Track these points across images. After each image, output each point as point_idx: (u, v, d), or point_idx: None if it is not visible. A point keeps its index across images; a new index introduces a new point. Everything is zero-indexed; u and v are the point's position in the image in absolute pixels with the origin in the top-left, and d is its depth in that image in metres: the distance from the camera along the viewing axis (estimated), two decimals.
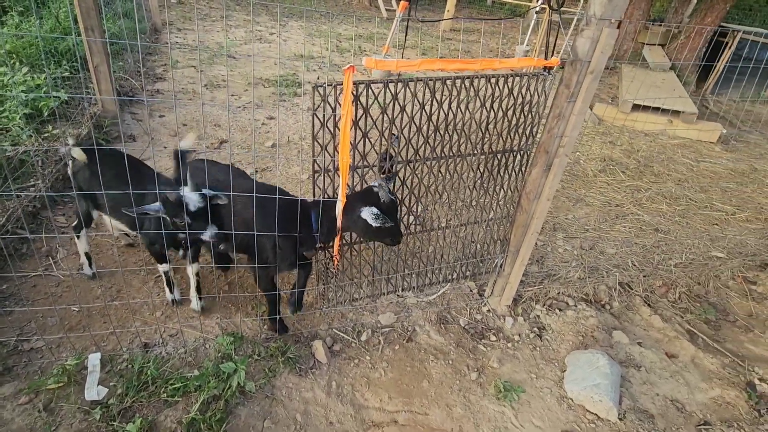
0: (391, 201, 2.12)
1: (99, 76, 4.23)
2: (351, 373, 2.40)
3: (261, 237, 2.21)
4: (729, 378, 2.67)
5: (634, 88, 6.56)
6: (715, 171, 5.21)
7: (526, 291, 3.07)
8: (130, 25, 6.84)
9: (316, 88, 1.91)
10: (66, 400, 1.99)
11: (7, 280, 2.55)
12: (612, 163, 5.03)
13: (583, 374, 2.47)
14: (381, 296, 2.88)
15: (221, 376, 2.13)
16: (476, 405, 2.35)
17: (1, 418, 1.89)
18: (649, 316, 3.09)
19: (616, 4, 2.03)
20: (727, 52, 7.87)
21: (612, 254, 3.57)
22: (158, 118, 4.78)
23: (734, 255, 3.72)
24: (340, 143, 1.97)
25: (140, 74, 5.83)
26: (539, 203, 2.51)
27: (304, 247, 2.28)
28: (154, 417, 1.97)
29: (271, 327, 2.54)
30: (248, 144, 4.55)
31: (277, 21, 9.85)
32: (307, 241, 2.25)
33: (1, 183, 3.02)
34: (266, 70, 6.65)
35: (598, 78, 2.17)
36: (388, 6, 12.08)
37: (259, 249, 2.25)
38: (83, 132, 3.93)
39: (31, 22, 5.22)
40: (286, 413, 2.14)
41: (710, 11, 8.39)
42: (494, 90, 2.29)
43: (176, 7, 9.42)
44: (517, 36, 11.32)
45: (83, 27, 3.96)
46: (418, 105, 2.22)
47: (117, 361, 2.20)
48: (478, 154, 2.47)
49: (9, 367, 2.10)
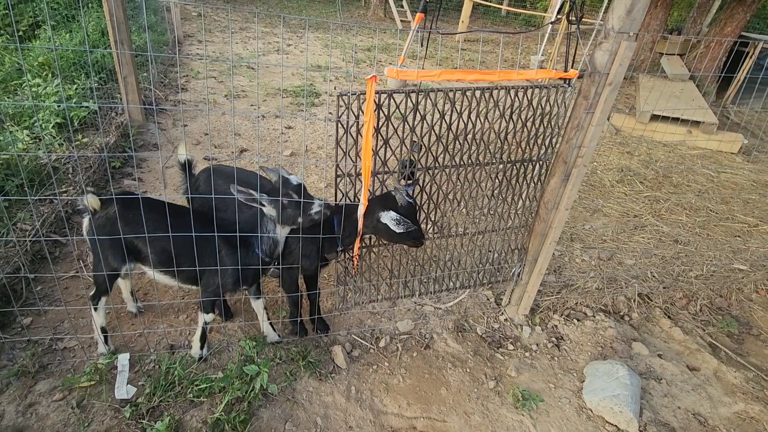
0: (408, 204, 2.19)
1: (127, 87, 4.40)
2: (370, 378, 2.44)
3: (288, 239, 2.28)
4: (753, 392, 2.62)
5: (653, 99, 6.51)
6: (737, 182, 5.14)
7: (543, 300, 3.07)
8: (153, 38, 7.09)
9: (340, 96, 1.99)
10: (98, 397, 2.07)
11: (41, 282, 2.66)
12: (630, 173, 5.00)
13: (603, 385, 2.46)
14: (398, 299, 2.91)
15: (244, 378, 2.19)
16: (494, 413, 2.36)
17: (37, 414, 1.98)
18: (669, 328, 3.06)
19: (634, 18, 2.06)
20: (748, 61, 7.77)
21: (631, 265, 3.55)
22: (182, 127, 4.93)
23: (757, 267, 3.66)
24: (363, 149, 2.05)
25: (164, 85, 6.03)
26: (557, 213, 2.53)
27: (326, 250, 2.35)
28: (181, 416, 2.03)
29: (292, 331, 2.59)
30: (267, 153, 4.66)
31: (294, 32, 10.07)
32: (330, 243, 2.32)
33: (36, 188, 3.16)
34: (285, 81, 6.81)
35: (616, 90, 2.20)
36: (402, 17, 12.25)
37: (284, 251, 2.32)
38: (111, 141, 4.09)
39: (62, 35, 5.46)
40: (307, 417, 2.18)
41: (730, 21, 8.31)
42: (513, 101, 2.34)
43: (197, 20, 9.71)
44: (532, 46, 11.36)
45: (113, 40, 4.14)
46: (438, 114, 2.28)
47: (145, 362, 2.28)
48: (497, 163, 2.51)
49: (44, 365, 2.19)
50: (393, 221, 2.12)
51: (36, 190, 3.16)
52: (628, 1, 2.02)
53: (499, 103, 2.35)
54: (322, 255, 2.36)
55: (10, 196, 2.98)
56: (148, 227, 1.99)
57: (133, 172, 3.93)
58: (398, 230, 2.14)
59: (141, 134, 4.57)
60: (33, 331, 2.36)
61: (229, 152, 4.55)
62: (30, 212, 2.96)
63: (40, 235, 2.80)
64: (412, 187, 2.32)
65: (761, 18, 13.94)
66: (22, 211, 2.97)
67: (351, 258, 2.50)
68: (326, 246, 2.32)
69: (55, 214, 3.05)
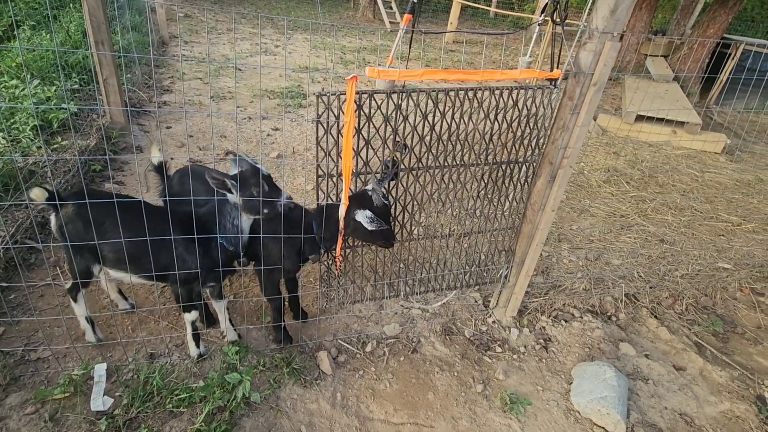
0: (384, 205, 2.18)
1: (108, 88, 4.30)
2: (356, 384, 2.39)
3: (268, 242, 2.24)
4: (738, 391, 2.64)
5: (638, 99, 6.58)
6: (720, 181, 5.20)
7: (531, 302, 3.05)
8: (137, 38, 6.97)
9: (320, 96, 1.96)
10: (72, 410, 1.99)
11: (14, 290, 2.57)
12: (616, 173, 5.03)
13: (590, 387, 2.45)
14: (384, 301, 2.88)
15: (226, 387, 2.13)
16: (482, 417, 2.33)
17: (7, 428, 1.90)
18: (656, 328, 3.06)
19: (618, 18, 2.06)
20: (730, 63, 7.91)
21: (617, 265, 3.55)
22: (165, 129, 4.84)
23: (741, 266, 3.69)
24: (343, 149, 2.03)
25: (148, 87, 5.93)
26: (544, 214, 2.52)
27: (307, 251, 2.33)
28: (160, 428, 1.97)
29: (275, 338, 2.54)
30: (253, 155, 4.59)
31: (282, 33, 10.00)
32: (310, 244, 2.31)
33: (11, 193, 3.06)
34: (271, 82, 6.73)
35: (601, 90, 2.19)
36: (391, 19, 12.24)
37: (264, 253, 2.28)
38: (92, 143, 3.99)
39: (43, 36, 5.33)
40: (291, 425, 2.13)
41: (712, 23, 8.45)
42: (498, 102, 2.32)
43: (183, 21, 9.59)
44: (520, 48, 11.43)
45: (93, 41, 4.04)
46: (421, 115, 2.25)
47: (123, 372, 2.21)
48: (482, 164, 2.49)
49: (16, 377, 2.11)
50: (367, 219, 2.11)
51: (11, 195, 3.06)
52: (612, 1, 2.01)
53: (483, 104, 2.32)
54: (304, 256, 2.33)
55: None
56: (102, 225, 1.96)
57: (112, 176, 3.84)
58: (371, 227, 2.13)
59: (123, 137, 4.47)
60: (4, 342, 2.27)
61: (213, 154, 4.47)
62: (4, 217, 2.86)
63: (13, 242, 2.70)
64: (384, 183, 2.29)
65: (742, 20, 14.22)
66: None
67: (334, 258, 2.47)
68: (307, 247, 2.29)
69: (30, 220, 2.96)
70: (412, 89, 2.16)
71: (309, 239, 2.28)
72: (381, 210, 2.16)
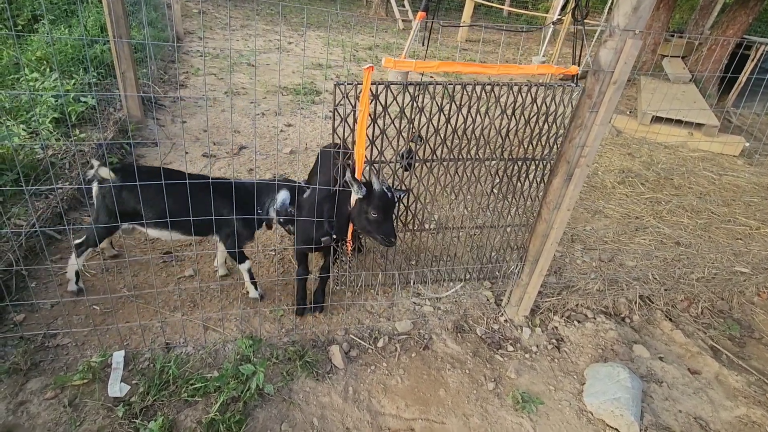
0: (383, 194, 2.17)
1: (125, 82, 4.36)
2: (367, 379, 2.40)
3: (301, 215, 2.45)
4: (755, 396, 2.59)
5: (654, 101, 6.49)
6: (738, 185, 5.11)
7: (544, 302, 3.03)
8: (153, 34, 7.05)
9: (337, 85, 1.98)
10: (90, 396, 2.03)
11: (35, 278, 2.62)
12: (631, 174, 4.97)
13: (603, 387, 2.43)
14: (393, 286, 2.90)
15: (240, 378, 2.15)
16: (494, 415, 2.32)
17: (28, 412, 1.94)
18: (670, 331, 3.02)
19: (641, 15, 2.03)
20: (750, 64, 7.75)
21: (632, 267, 3.51)
22: (181, 123, 4.89)
23: (759, 270, 3.63)
24: (357, 137, 2.05)
25: (163, 81, 5.99)
26: (559, 213, 2.50)
27: (320, 233, 2.42)
28: (175, 416, 2.00)
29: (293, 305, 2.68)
30: (267, 150, 4.62)
31: (296, 30, 10.04)
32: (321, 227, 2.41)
33: (32, 184, 3.12)
34: (285, 78, 6.77)
35: (621, 88, 2.16)
36: (403, 17, 12.22)
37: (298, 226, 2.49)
38: (109, 136, 4.05)
39: (62, 30, 5.41)
40: (303, 417, 2.14)
41: (732, 23, 8.29)
42: (516, 98, 2.31)
43: (197, 17, 9.67)
44: (534, 47, 11.33)
45: (112, 35, 4.10)
46: (437, 107, 2.25)
47: (139, 360, 2.24)
48: (497, 159, 2.48)
49: (36, 362, 2.15)
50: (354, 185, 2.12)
51: (31, 185, 3.12)
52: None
53: (500, 100, 2.31)
54: (317, 237, 2.41)
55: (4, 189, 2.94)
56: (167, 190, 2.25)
57: None
58: (358, 195, 2.16)
59: (139, 130, 4.53)
60: (26, 328, 2.32)
61: (227, 149, 4.51)
62: (25, 207, 2.92)
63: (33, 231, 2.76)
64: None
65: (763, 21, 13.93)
66: (17, 205, 2.93)
67: (345, 243, 2.51)
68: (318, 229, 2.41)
69: (51, 209, 3.01)
70: (428, 82, 2.17)
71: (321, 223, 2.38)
72: (381, 200, 2.16)
